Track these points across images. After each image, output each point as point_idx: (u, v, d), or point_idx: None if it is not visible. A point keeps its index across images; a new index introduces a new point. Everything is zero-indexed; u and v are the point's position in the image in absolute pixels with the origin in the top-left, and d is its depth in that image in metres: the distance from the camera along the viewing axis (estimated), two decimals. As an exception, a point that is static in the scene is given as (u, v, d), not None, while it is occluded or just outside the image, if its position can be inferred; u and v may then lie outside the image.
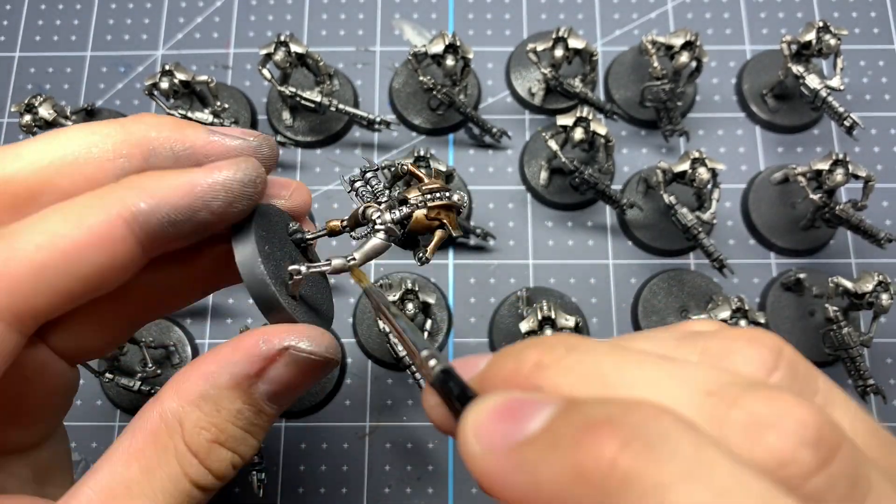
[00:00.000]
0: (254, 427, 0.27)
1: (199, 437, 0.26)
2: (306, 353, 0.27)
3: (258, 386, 0.27)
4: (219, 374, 0.26)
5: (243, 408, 0.27)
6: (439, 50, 0.55)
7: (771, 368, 0.20)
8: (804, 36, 0.55)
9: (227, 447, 0.27)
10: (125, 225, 0.24)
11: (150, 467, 0.25)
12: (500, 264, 0.58)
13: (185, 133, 0.27)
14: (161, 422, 0.26)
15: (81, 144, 0.26)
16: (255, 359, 0.26)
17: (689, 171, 0.52)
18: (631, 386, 0.18)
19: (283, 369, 0.27)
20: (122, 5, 0.66)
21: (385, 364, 0.55)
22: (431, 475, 0.53)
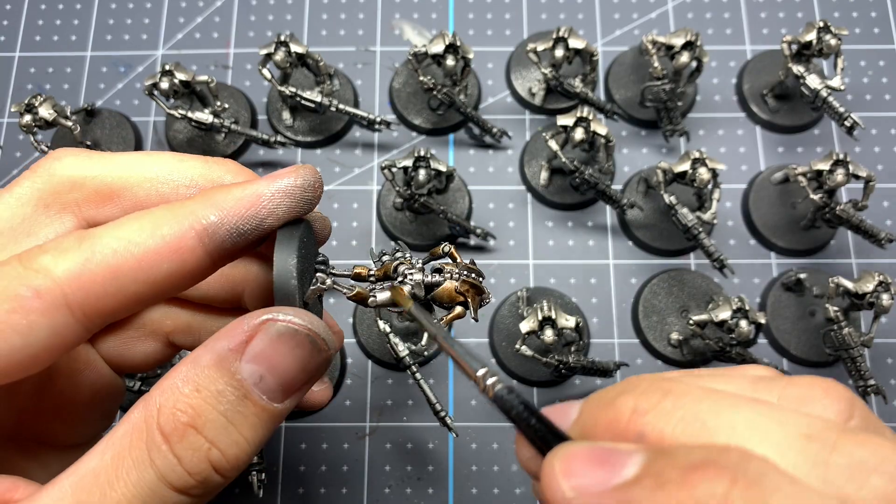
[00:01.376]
0: (238, 416, 0.25)
1: (173, 418, 0.24)
2: (285, 321, 0.26)
3: (241, 364, 0.25)
4: (201, 355, 0.25)
5: (225, 389, 0.25)
6: (439, 50, 0.55)
7: (847, 416, 0.22)
8: (805, 36, 0.55)
9: (205, 435, 0.25)
10: (196, 236, 0.26)
11: (120, 454, 0.24)
12: (500, 264, 0.58)
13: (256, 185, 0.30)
14: (143, 410, 0.25)
15: (166, 168, 0.29)
16: (235, 333, 0.26)
17: (690, 172, 0.52)
18: (731, 429, 0.19)
19: (265, 343, 0.26)
20: (122, 5, 0.66)
21: (385, 364, 0.55)
22: (431, 475, 0.53)
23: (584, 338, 0.54)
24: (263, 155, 0.61)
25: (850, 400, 0.22)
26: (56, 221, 0.29)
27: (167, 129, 0.61)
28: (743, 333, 0.49)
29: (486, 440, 0.54)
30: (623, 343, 0.56)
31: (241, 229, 0.27)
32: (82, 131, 0.58)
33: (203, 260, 0.26)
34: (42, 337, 0.24)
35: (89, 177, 0.29)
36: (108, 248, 0.25)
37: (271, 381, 0.26)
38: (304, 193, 0.28)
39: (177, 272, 0.26)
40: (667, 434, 0.20)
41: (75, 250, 0.25)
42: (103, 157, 0.29)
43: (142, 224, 0.26)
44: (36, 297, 0.24)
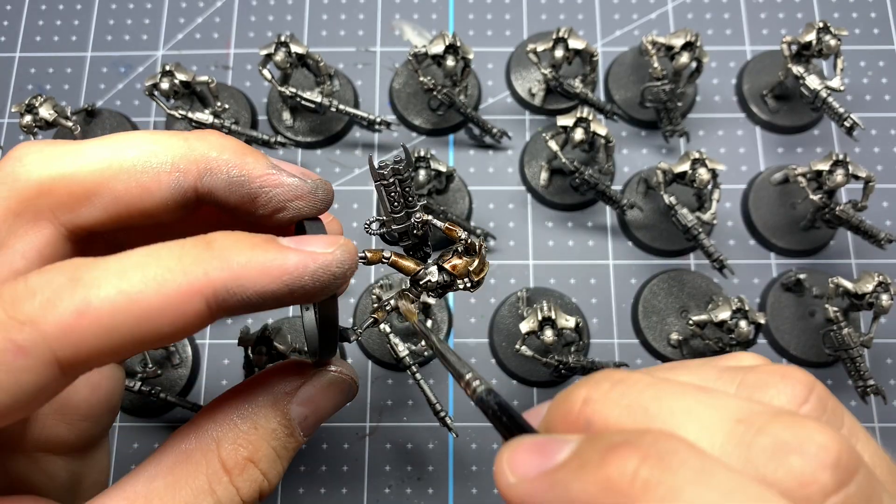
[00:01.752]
0: (284, 451, 0.28)
1: (236, 453, 0.27)
2: (337, 373, 0.29)
3: (293, 406, 0.28)
4: (257, 394, 0.28)
5: (278, 427, 0.28)
6: (439, 50, 0.55)
7: (801, 401, 0.22)
8: (804, 36, 0.55)
9: (260, 468, 0.27)
10: (203, 299, 0.23)
11: (177, 483, 0.25)
12: (500, 264, 0.58)
13: (245, 160, 0.27)
14: (197, 441, 0.27)
15: (142, 152, 0.26)
16: (290, 377, 0.28)
17: (690, 172, 0.52)
18: (669, 414, 0.21)
19: (316, 389, 0.29)
20: (123, 6, 0.66)
21: (385, 364, 0.55)
22: (431, 475, 0.53)
23: (584, 338, 0.54)
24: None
25: (807, 384, 0.22)
26: (31, 231, 0.26)
27: (167, 130, 0.61)
28: (742, 334, 0.49)
29: (486, 440, 0.54)
30: (623, 343, 0.56)
31: (252, 303, 0.24)
32: (83, 132, 0.58)
33: (206, 320, 0.24)
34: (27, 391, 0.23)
35: (59, 177, 0.25)
36: (106, 301, 0.22)
37: (312, 420, 0.29)
38: (334, 281, 0.25)
39: (177, 331, 0.24)
40: (611, 421, 0.21)
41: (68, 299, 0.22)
42: (71, 149, 0.26)
43: (145, 275, 0.23)
44: (21, 356, 0.22)
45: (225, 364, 0.56)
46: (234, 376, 0.55)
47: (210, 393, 0.55)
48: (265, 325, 0.50)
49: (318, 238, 0.25)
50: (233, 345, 0.56)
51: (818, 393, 0.22)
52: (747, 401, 0.21)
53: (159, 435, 0.54)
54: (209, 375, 0.55)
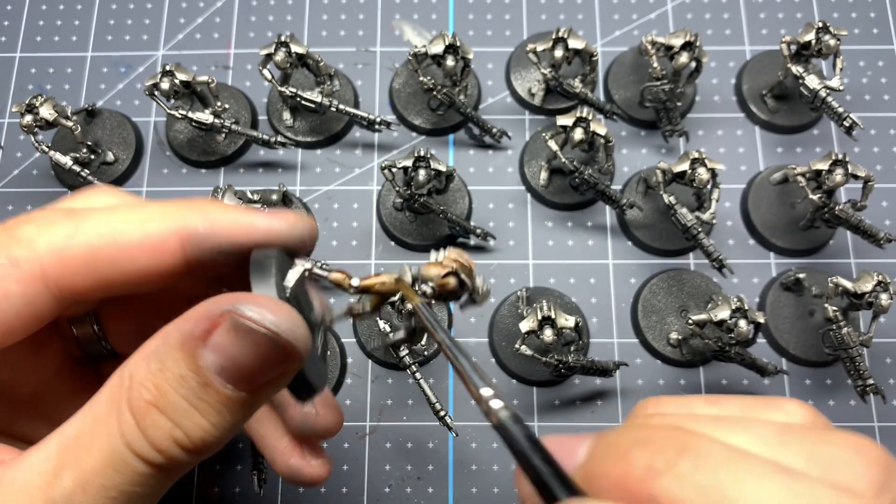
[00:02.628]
0: (201, 403, 0.25)
1: (139, 394, 0.25)
2: (246, 318, 0.24)
3: (204, 353, 0.25)
4: (170, 332, 0.25)
5: (187, 374, 0.25)
6: (439, 50, 0.55)
7: (881, 487, 0.20)
8: (804, 36, 0.55)
9: (168, 416, 0.25)
10: (179, 240, 0.27)
11: (98, 421, 0.25)
12: (500, 264, 0.58)
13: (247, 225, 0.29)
14: (117, 377, 0.25)
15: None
16: (201, 319, 0.25)
17: (689, 172, 0.52)
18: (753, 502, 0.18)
19: (226, 336, 0.25)
20: (123, 6, 0.66)
21: (385, 364, 0.55)
22: (432, 475, 0.53)
23: (584, 337, 0.54)
24: (264, 155, 0.61)
25: (885, 465, 0.20)
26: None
27: (168, 130, 0.61)
28: (742, 333, 0.49)
29: (486, 439, 0.54)
30: (622, 343, 0.56)
31: (222, 249, 0.28)
32: (83, 132, 0.58)
33: (179, 264, 0.27)
34: (15, 304, 0.25)
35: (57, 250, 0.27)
36: (93, 230, 0.26)
37: (233, 371, 0.25)
38: (293, 243, 0.29)
39: (153, 269, 0.27)
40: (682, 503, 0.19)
41: (61, 224, 0.26)
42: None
43: (131, 216, 0.27)
44: (13, 266, 0.25)
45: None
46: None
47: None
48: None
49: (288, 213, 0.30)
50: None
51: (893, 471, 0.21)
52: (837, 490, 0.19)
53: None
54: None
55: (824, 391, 0.55)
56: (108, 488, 0.24)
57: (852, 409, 0.54)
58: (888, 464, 0.21)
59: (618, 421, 0.54)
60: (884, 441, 0.53)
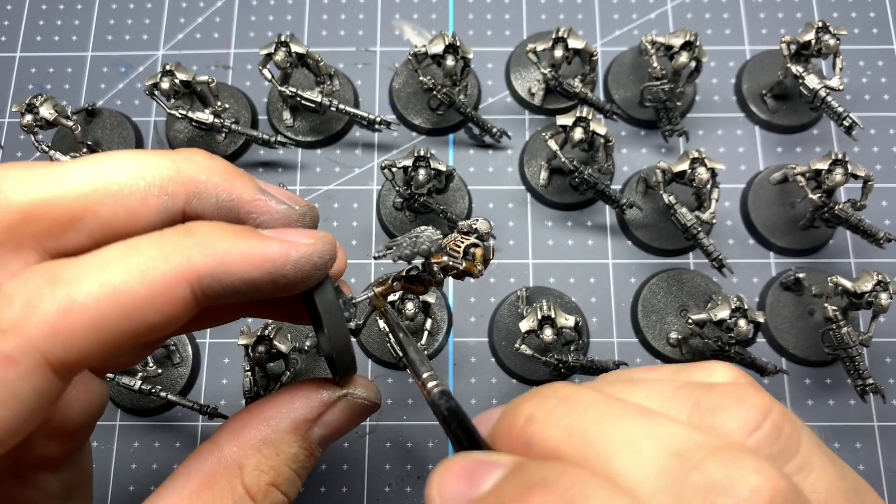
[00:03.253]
0: (304, 470, 0.29)
1: (259, 479, 0.27)
2: (362, 399, 0.30)
3: (314, 430, 0.29)
4: (279, 419, 0.28)
5: (299, 451, 0.29)
6: (439, 50, 0.55)
7: (754, 427, 0.21)
8: (803, 36, 0.55)
9: (282, 490, 0.28)
10: (188, 288, 0.23)
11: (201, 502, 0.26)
12: (499, 264, 0.58)
13: (234, 184, 0.27)
14: (220, 465, 0.27)
15: (129, 174, 0.25)
16: (314, 404, 0.29)
17: (689, 171, 0.52)
18: (607, 441, 0.20)
19: (339, 414, 0.29)
20: (123, 5, 0.66)
21: (385, 364, 0.55)
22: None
23: (584, 337, 0.54)
24: (264, 155, 0.61)
25: (762, 409, 0.21)
26: (15, 260, 0.24)
27: (168, 129, 0.61)
28: (742, 333, 0.49)
29: (486, 439, 0.54)
30: (622, 342, 0.56)
31: (237, 290, 0.24)
32: (83, 131, 0.58)
33: (192, 309, 0.24)
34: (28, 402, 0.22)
35: (42, 203, 0.24)
36: (90, 295, 0.22)
37: (331, 439, 0.30)
38: (315, 271, 0.26)
39: (163, 322, 0.23)
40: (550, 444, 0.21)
41: (49, 298, 0.22)
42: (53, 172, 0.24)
43: (129, 266, 0.23)
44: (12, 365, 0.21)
45: (225, 363, 0.56)
46: (234, 375, 0.55)
47: (210, 391, 0.55)
48: (265, 324, 0.50)
49: (298, 231, 0.26)
50: (233, 344, 0.56)
51: (774, 419, 0.21)
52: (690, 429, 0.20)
53: (159, 434, 0.54)
54: (209, 374, 0.56)
55: (824, 391, 0.55)
56: None
57: (852, 408, 0.54)
58: (767, 407, 0.21)
59: (617, 420, 0.54)
60: (883, 442, 0.53)
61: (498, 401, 0.55)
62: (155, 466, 0.53)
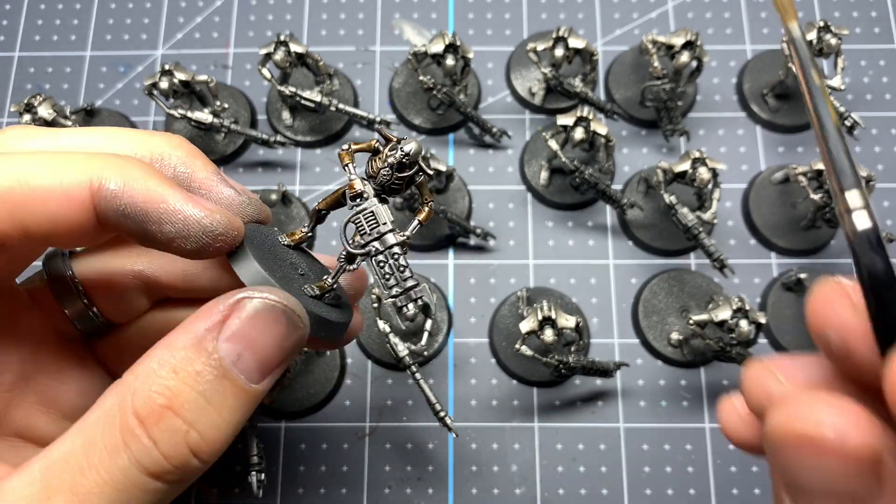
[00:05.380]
0: (217, 396, 0.25)
1: (151, 401, 0.24)
2: (261, 297, 0.26)
3: (220, 345, 0.25)
4: (177, 337, 0.25)
5: (203, 369, 0.24)
6: (439, 50, 0.55)
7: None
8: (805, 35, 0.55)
9: (183, 417, 0.24)
10: (89, 194, 0.26)
11: (92, 442, 0.24)
12: (500, 264, 0.58)
13: (194, 162, 0.29)
14: (113, 395, 0.25)
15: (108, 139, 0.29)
16: (212, 313, 0.25)
17: (690, 171, 0.52)
18: None
19: (242, 321, 0.25)
20: (122, 5, 0.65)
21: (385, 364, 0.55)
22: (431, 476, 0.53)
23: (585, 338, 0.54)
24: (263, 154, 0.61)
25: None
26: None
27: (167, 129, 0.61)
28: (743, 333, 0.49)
29: (486, 440, 0.54)
30: (623, 343, 0.56)
31: (127, 214, 0.26)
32: (82, 131, 0.58)
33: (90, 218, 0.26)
34: None
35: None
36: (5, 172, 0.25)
37: (249, 358, 0.25)
38: (201, 235, 0.26)
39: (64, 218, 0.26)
40: None
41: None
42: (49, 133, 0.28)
43: (49, 162, 0.26)
44: None
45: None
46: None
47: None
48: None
49: (212, 203, 0.27)
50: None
51: None
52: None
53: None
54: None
55: (826, 392, 0.54)
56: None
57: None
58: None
59: (618, 421, 0.54)
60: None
61: (498, 402, 0.54)
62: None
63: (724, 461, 0.53)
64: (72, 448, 0.24)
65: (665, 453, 0.53)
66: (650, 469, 0.53)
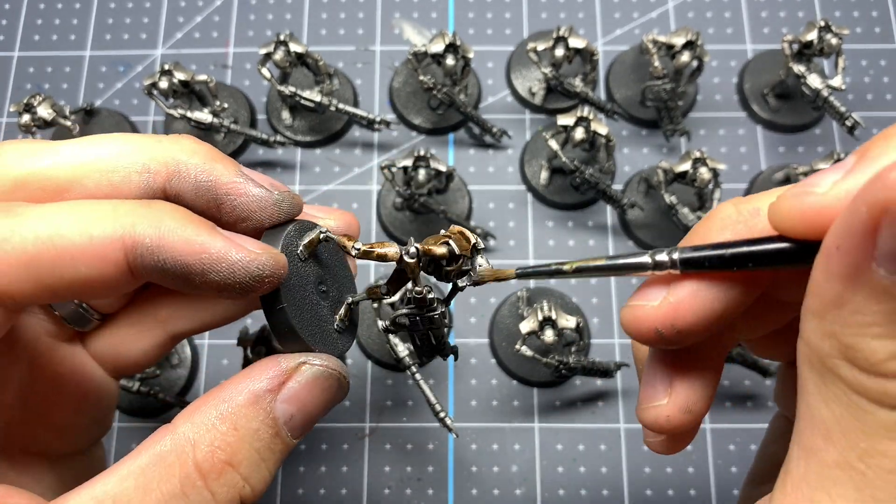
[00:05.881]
0: (270, 454, 0.26)
1: (213, 456, 0.25)
2: (321, 365, 0.27)
3: (276, 403, 0.26)
4: (237, 394, 0.26)
5: (261, 427, 0.26)
6: (439, 49, 0.55)
7: None
8: (805, 35, 0.55)
9: (240, 473, 0.26)
10: (123, 250, 0.24)
11: (148, 485, 0.24)
12: (500, 264, 0.57)
13: (214, 166, 0.27)
14: (172, 442, 0.25)
15: (114, 152, 0.27)
16: (273, 374, 0.27)
17: (691, 171, 0.52)
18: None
19: (302, 385, 0.27)
20: (122, 4, 0.65)
21: (385, 365, 0.55)
22: (431, 476, 0.53)
23: (585, 338, 0.54)
24: (263, 154, 0.61)
25: None
26: None
27: (166, 129, 0.61)
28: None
29: (486, 441, 0.53)
30: (623, 343, 0.56)
31: (166, 269, 0.25)
32: (81, 131, 0.58)
33: (125, 275, 0.25)
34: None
35: (33, 172, 0.26)
36: (32, 232, 0.23)
37: (299, 419, 0.27)
38: (246, 282, 0.25)
39: (96, 277, 0.24)
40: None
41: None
42: (48, 148, 0.27)
43: (75, 218, 0.24)
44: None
45: (224, 364, 0.56)
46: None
47: (209, 393, 0.55)
48: (264, 326, 0.50)
49: (255, 241, 0.26)
50: (232, 345, 0.56)
51: None
52: None
53: (158, 435, 0.54)
54: (208, 375, 0.55)
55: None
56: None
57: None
58: None
59: (619, 422, 0.54)
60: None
61: (499, 402, 0.54)
62: (153, 468, 0.53)
63: (725, 462, 0.53)
64: (122, 489, 0.24)
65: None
66: (651, 470, 0.53)
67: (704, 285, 0.23)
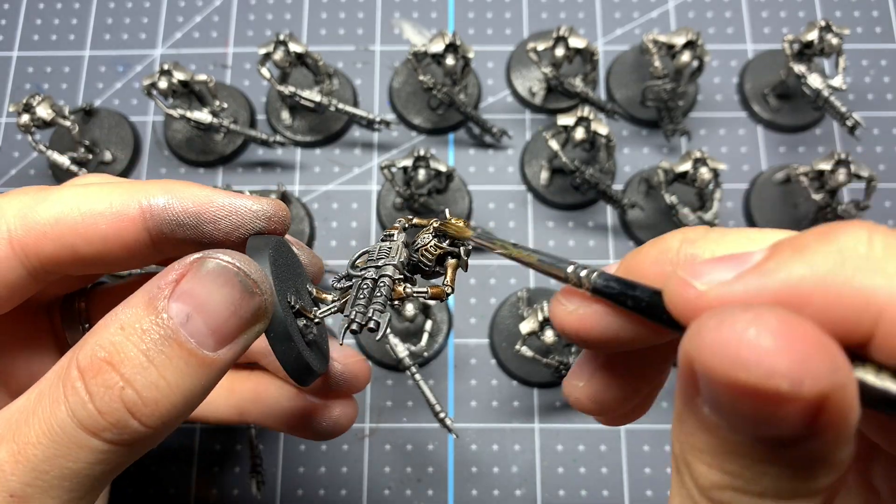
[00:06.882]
0: (160, 356, 0.24)
1: (92, 353, 0.23)
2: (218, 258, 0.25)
3: (170, 305, 0.24)
4: (134, 296, 0.25)
5: (150, 328, 0.24)
6: (439, 49, 0.55)
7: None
8: (806, 35, 0.54)
9: (120, 373, 0.23)
10: (139, 210, 0.28)
11: (43, 391, 0.24)
12: (500, 265, 0.57)
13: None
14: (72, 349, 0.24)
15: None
16: (168, 272, 0.25)
17: (691, 171, 0.52)
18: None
19: (196, 281, 0.24)
20: (121, 4, 0.65)
21: (385, 365, 0.55)
22: (431, 477, 0.53)
23: (585, 338, 0.54)
24: (262, 154, 0.61)
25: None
26: None
27: (166, 129, 0.61)
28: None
29: (486, 442, 0.53)
30: (624, 344, 0.56)
31: (181, 221, 0.28)
32: (80, 131, 0.58)
33: (142, 235, 0.28)
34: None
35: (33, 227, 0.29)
36: (58, 200, 0.28)
37: (199, 321, 0.24)
38: (255, 220, 0.29)
39: (115, 238, 0.28)
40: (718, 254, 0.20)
41: (30, 195, 0.28)
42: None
43: (98, 190, 0.28)
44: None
45: (223, 365, 0.55)
46: (232, 377, 0.55)
47: (208, 394, 0.55)
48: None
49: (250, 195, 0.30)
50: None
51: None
52: None
53: (157, 436, 0.54)
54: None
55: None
56: (43, 461, 0.23)
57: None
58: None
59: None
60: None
61: (499, 403, 0.54)
62: (153, 469, 0.53)
63: (726, 462, 0.53)
64: (27, 400, 0.24)
65: (666, 455, 0.53)
66: (651, 470, 0.53)
67: (609, 312, 0.23)
